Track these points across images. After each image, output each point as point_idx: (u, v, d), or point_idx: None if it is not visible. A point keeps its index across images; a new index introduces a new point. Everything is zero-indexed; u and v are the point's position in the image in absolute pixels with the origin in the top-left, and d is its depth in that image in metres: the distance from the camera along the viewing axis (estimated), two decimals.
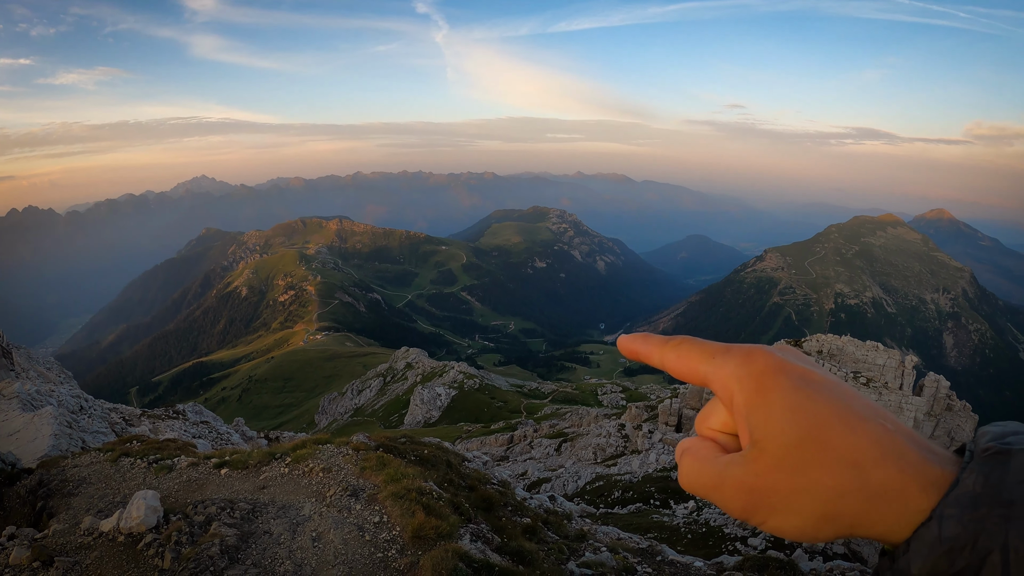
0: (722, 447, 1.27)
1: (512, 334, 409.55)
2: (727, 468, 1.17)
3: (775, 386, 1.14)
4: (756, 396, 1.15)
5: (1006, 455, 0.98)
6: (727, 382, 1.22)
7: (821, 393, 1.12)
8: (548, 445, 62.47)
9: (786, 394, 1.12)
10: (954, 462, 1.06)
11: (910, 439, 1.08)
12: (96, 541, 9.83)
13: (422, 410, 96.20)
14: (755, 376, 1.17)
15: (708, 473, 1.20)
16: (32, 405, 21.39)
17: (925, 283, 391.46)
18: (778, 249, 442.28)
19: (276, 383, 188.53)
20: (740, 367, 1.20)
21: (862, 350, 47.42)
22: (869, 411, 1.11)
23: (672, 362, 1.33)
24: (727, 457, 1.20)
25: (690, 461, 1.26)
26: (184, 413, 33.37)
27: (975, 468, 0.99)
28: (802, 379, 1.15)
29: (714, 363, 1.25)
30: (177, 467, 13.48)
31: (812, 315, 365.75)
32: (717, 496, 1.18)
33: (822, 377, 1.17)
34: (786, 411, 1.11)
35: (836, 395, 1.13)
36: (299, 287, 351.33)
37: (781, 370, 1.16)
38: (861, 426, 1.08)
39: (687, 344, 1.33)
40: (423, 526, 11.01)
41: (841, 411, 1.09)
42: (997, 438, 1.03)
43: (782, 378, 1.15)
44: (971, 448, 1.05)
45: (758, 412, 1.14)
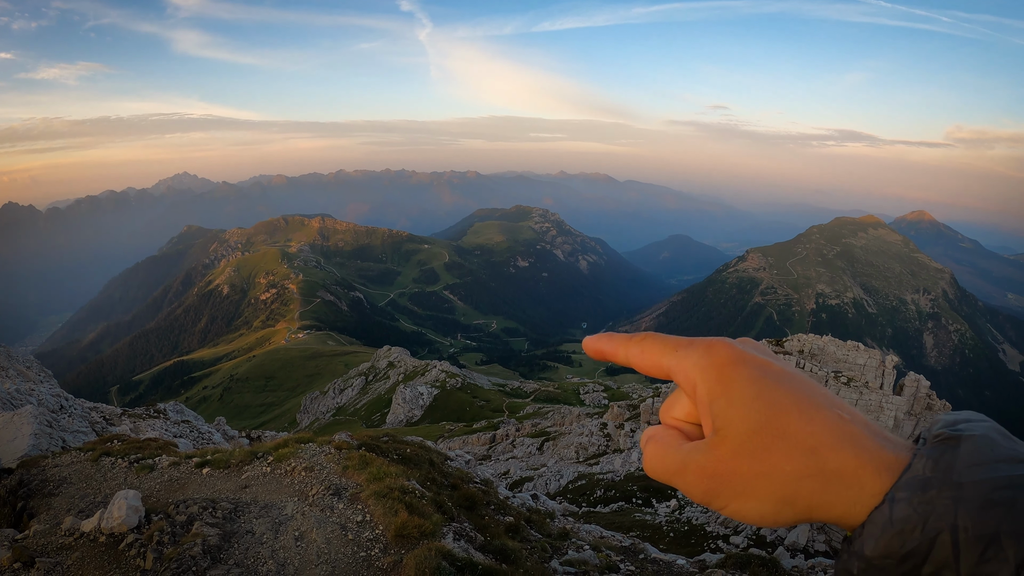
0: (686, 435, 1.30)
1: (494, 333, 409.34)
2: (690, 454, 1.20)
3: (736, 376, 1.18)
4: (718, 386, 1.19)
5: (956, 440, 1.03)
6: (690, 373, 1.26)
7: (780, 383, 1.17)
8: (530, 444, 62.57)
9: (746, 383, 1.17)
10: (908, 448, 1.09)
11: (865, 427, 1.12)
12: (77, 541, 9.78)
13: (404, 409, 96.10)
14: (717, 367, 1.21)
15: (672, 459, 1.24)
16: (11, 404, 21.22)
17: (906, 284, 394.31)
18: (760, 249, 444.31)
19: (258, 382, 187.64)
20: (702, 358, 1.24)
21: (843, 350, 47.68)
22: (825, 400, 1.15)
23: (636, 358, 1.36)
24: (690, 444, 1.23)
25: (655, 448, 1.30)
26: (165, 412, 33.18)
27: (926, 453, 1.03)
28: (761, 369, 1.19)
29: (677, 355, 1.29)
30: (158, 467, 13.43)
31: (793, 315, 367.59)
32: (680, 481, 1.21)
33: (780, 368, 1.21)
34: (746, 399, 1.15)
35: (794, 385, 1.17)
36: (281, 285, 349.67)
37: (741, 361, 1.21)
38: (818, 414, 1.12)
39: (650, 340, 1.37)
40: (406, 525, 11.01)
41: (799, 400, 1.14)
42: (948, 425, 1.09)
43: (742, 368, 1.19)
44: (924, 435, 1.10)
45: (719, 401, 1.18)
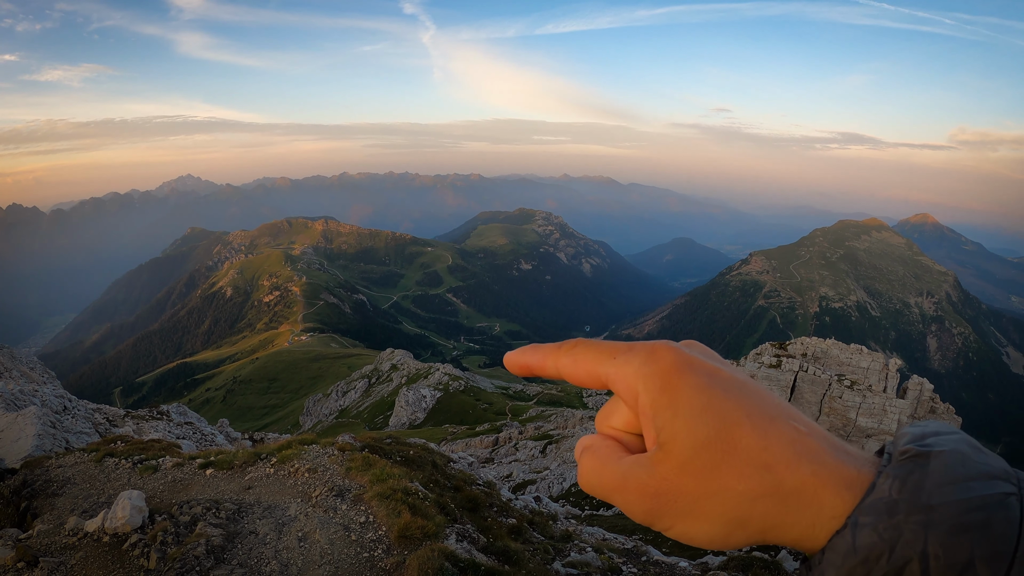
0: (625, 447, 1.18)
1: (497, 336, 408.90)
2: (631, 469, 1.09)
3: (682, 384, 1.06)
4: (662, 395, 1.07)
5: (925, 457, 0.93)
6: (631, 381, 1.13)
7: (730, 392, 1.05)
8: (533, 447, 62.52)
9: (693, 393, 1.05)
10: (872, 463, 1.00)
11: (824, 440, 1.03)
12: (81, 541, 9.81)
13: (407, 412, 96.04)
14: (660, 374, 1.08)
15: (610, 474, 1.12)
16: (15, 405, 21.29)
17: (909, 287, 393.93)
18: (763, 252, 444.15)
19: (261, 384, 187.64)
20: (644, 365, 1.11)
21: (846, 353, 47.68)
22: (780, 411, 1.06)
23: (568, 367, 1.23)
24: (631, 458, 1.11)
25: (590, 460, 1.17)
26: (168, 414, 33.23)
27: (892, 472, 0.94)
28: (710, 377, 1.07)
29: (616, 363, 1.16)
30: (162, 467, 13.47)
31: (797, 318, 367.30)
32: (619, 499, 1.09)
33: (730, 375, 1.09)
34: (693, 411, 1.03)
35: (745, 394, 1.06)
36: (284, 288, 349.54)
37: (688, 367, 1.08)
38: (772, 427, 1.02)
39: (582, 347, 1.23)
40: (409, 526, 11.03)
41: (751, 411, 1.03)
42: (916, 439, 0.98)
43: (689, 376, 1.07)
44: (889, 450, 1.00)
45: (664, 412, 1.06)
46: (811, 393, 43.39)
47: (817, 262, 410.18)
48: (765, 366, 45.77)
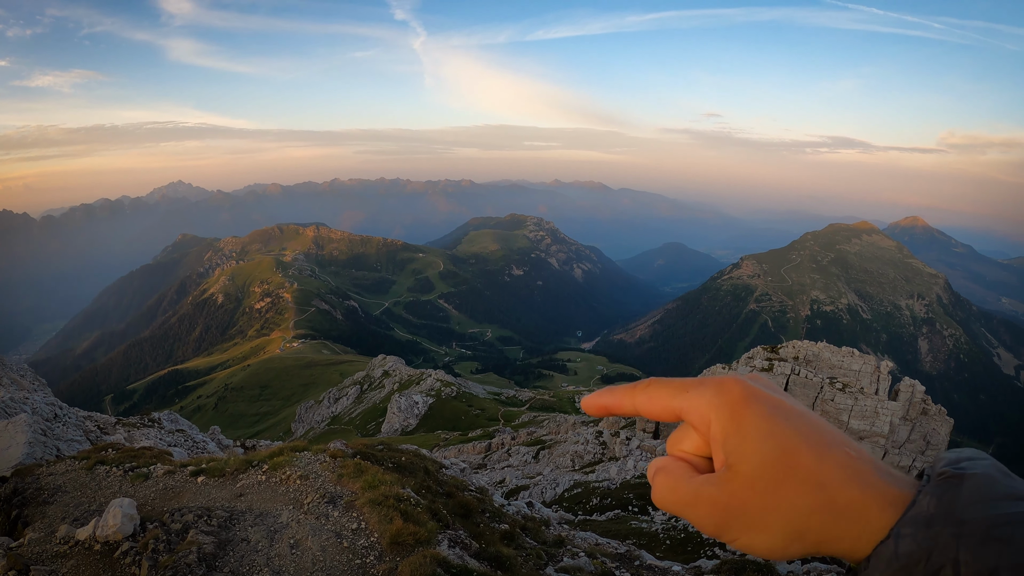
0: (694, 468, 1.34)
1: (489, 342, 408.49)
2: (702, 487, 1.25)
3: (748, 413, 1.23)
4: (731, 423, 1.24)
5: (959, 479, 1.08)
6: (703, 412, 1.30)
7: (791, 421, 1.22)
8: (526, 452, 62.50)
9: (759, 421, 1.22)
10: (913, 484, 1.15)
11: (871, 464, 1.18)
12: (72, 550, 9.77)
13: (399, 418, 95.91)
14: (730, 404, 1.26)
15: (684, 490, 1.28)
16: (6, 412, 21.16)
17: (900, 289, 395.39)
18: (754, 256, 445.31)
19: (252, 391, 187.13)
20: (716, 396, 1.29)
21: (838, 356, 47.81)
22: (834, 438, 1.21)
23: (645, 405, 1.39)
24: (702, 477, 1.28)
25: (664, 479, 1.33)
26: (159, 421, 33.11)
27: (930, 490, 1.09)
28: (773, 407, 1.24)
29: (688, 396, 1.33)
30: (153, 475, 13.41)
31: (788, 322, 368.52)
32: (691, 513, 1.25)
33: (791, 406, 1.27)
34: (758, 436, 1.20)
35: (804, 423, 1.23)
36: (276, 294, 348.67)
37: (754, 398, 1.26)
38: (827, 452, 1.17)
39: (656, 385, 1.40)
40: (401, 532, 11.02)
41: (809, 438, 1.19)
42: (952, 463, 1.13)
43: (755, 406, 1.24)
44: (928, 472, 1.15)
45: (733, 437, 1.23)
46: (803, 396, 43.43)
47: (808, 266, 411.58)
48: (757, 370, 45.82)
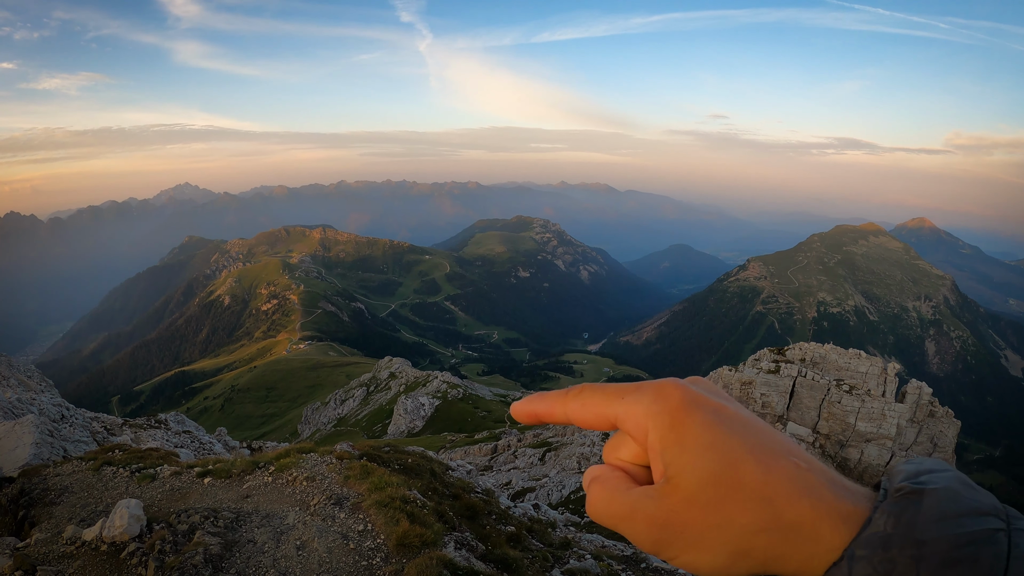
0: (632, 477, 1.25)
1: (496, 344, 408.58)
2: (639, 501, 1.15)
3: (689, 422, 1.13)
4: (670, 432, 1.14)
5: (918, 495, 0.99)
6: (640, 420, 1.20)
7: (735, 429, 1.12)
8: (532, 454, 62.41)
9: (700, 430, 1.12)
10: (869, 498, 1.06)
11: (824, 476, 1.09)
12: (79, 550, 9.78)
13: (405, 420, 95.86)
14: (669, 412, 1.16)
15: (619, 504, 1.18)
16: (13, 413, 21.24)
17: (907, 291, 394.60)
18: (761, 258, 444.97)
19: (259, 393, 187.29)
20: (653, 403, 1.19)
21: (845, 358, 47.69)
22: (783, 448, 1.12)
23: (577, 412, 1.30)
24: (639, 489, 1.18)
25: (599, 490, 1.24)
26: (166, 423, 33.17)
27: (887, 508, 1.00)
28: (716, 414, 1.14)
29: (624, 403, 1.23)
30: (160, 476, 13.43)
31: (795, 323, 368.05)
32: (627, 528, 1.16)
33: (735, 412, 1.17)
34: (700, 447, 1.10)
35: (750, 431, 1.13)
36: (282, 296, 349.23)
37: (695, 405, 1.16)
38: (775, 463, 1.08)
39: (589, 390, 1.31)
40: (407, 534, 11.02)
41: (755, 448, 1.10)
42: (910, 477, 1.05)
43: (696, 414, 1.14)
44: (885, 486, 1.06)
45: (672, 448, 1.13)
46: (810, 398, 43.37)
47: (815, 267, 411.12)
48: (764, 372, 45.76)
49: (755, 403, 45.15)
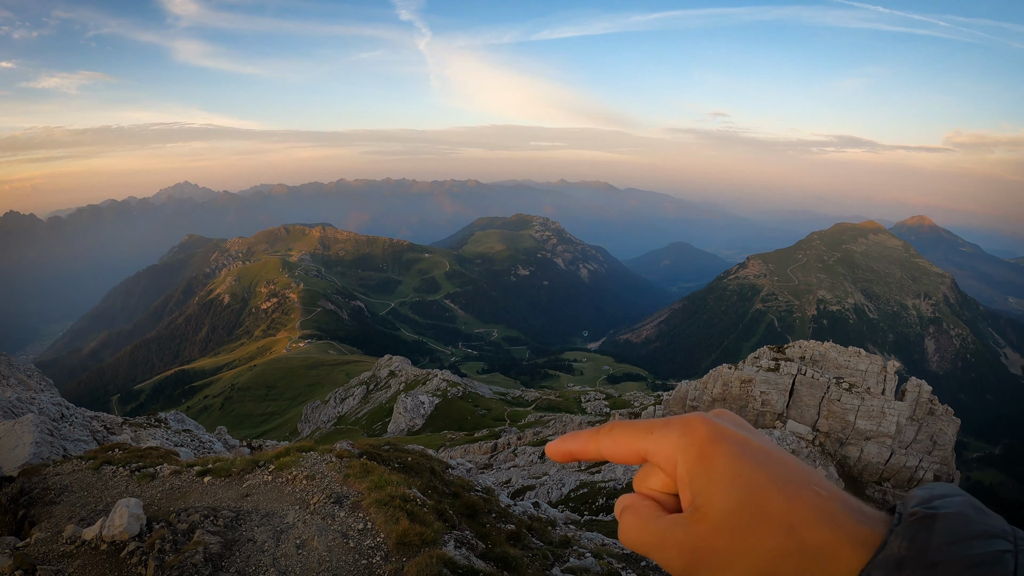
0: (661, 506, 1.31)
1: (495, 342, 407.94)
2: (669, 529, 1.21)
3: (715, 454, 1.20)
4: (697, 465, 1.21)
5: (931, 519, 1.06)
6: (669, 453, 1.27)
7: (759, 461, 1.19)
8: (532, 453, 62.40)
9: (726, 462, 1.19)
10: (884, 522, 1.11)
11: (843, 503, 1.14)
12: (79, 549, 9.78)
13: (405, 418, 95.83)
14: (696, 445, 1.23)
15: (650, 531, 1.25)
16: (12, 412, 21.23)
17: (906, 289, 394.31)
18: (760, 256, 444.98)
19: (259, 391, 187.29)
20: (681, 437, 1.26)
21: (844, 356, 47.72)
22: (805, 478, 1.17)
23: (609, 448, 1.38)
24: (670, 518, 1.24)
25: (631, 519, 1.30)
26: (166, 421, 33.18)
27: (901, 532, 1.07)
28: (741, 447, 1.21)
29: (653, 438, 1.31)
30: (160, 475, 13.42)
31: (795, 321, 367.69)
32: (659, 555, 1.22)
33: (759, 445, 1.24)
34: (726, 478, 1.17)
35: (773, 463, 1.19)
36: (282, 295, 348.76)
37: (721, 438, 1.23)
38: (797, 492, 1.14)
39: (619, 428, 1.39)
40: (407, 533, 11.01)
41: (778, 478, 1.16)
42: (923, 502, 1.09)
43: (722, 446, 1.21)
44: (900, 511, 1.12)
45: (699, 479, 1.20)
46: (809, 396, 43.40)
47: (814, 265, 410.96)
48: (763, 370, 45.79)
49: (755, 401, 45.21)
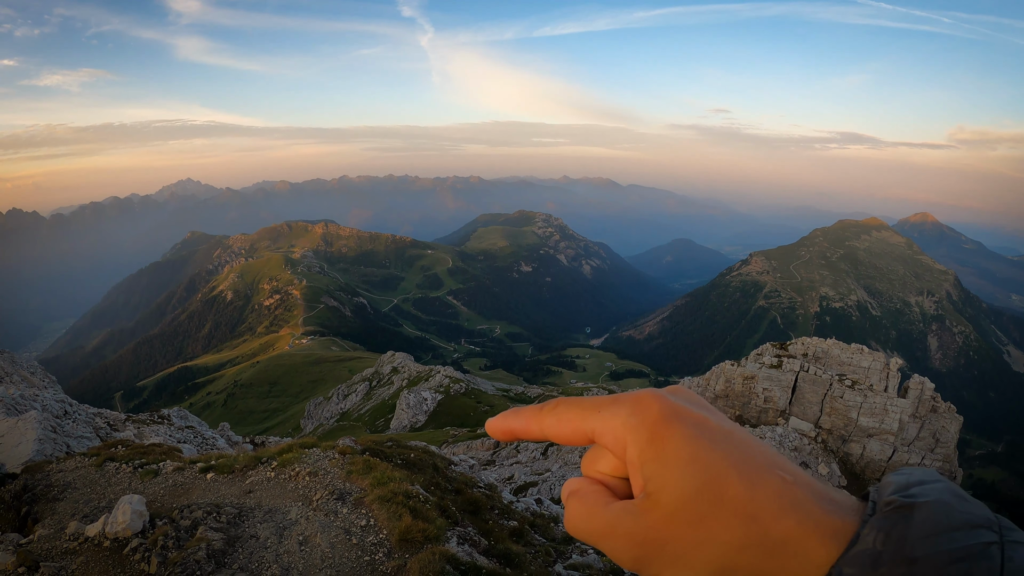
0: (611, 490, 1.19)
1: (498, 338, 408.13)
2: (619, 517, 1.09)
3: (669, 435, 1.07)
4: (650, 447, 1.07)
5: (909, 509, 0.94)
6: (618, 433, 1.13)
7: (717, 443, 1.06)
8: (535, 449, 62.38)
9: (681, 444, 1.05)
10: (857, 511, 1.01)
11: (810, 489, 1.03)
12: (82, 546, 9.79)
13: (408, 415, 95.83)
14: (648, 425, 1.09)
15: (598, 520, 1.12)
16: (16, 409, 21.25)
17: (909, 286, 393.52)
18: (763, 253, 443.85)
19: (261, 388, 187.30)
20: (631, 416, 1.12)
21: (847, 353, 47.66)
22: (767, 460, 1.06)
23: (553, 427, 1.24)
24: (619, 504, 1.12)
25: (577, 505, 1.18)
26: (169, 418, 33.23)
27: (876, 523, 0.95)
28: (697, 427, 1.08)
29: (601, 416, 1.17)
30: (163, 472, 13.44)
31: (797, 318, 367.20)
32: (607, 545, 1.10)
33: (717, 424, 1.11)
34: (681, 462, 1.04)
35: (733, 444, 1.07)
36: (285, 291, 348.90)
37: (675, 417, 1.09)
38: (759, 477, 1.02)
39: (564, 405, 1.25)
40: (410, 529, 11.02)
41: (738, 462, 1.03)
42: (900, 489, 0.99)
43: (676, 426, 1.07)
44: (874, 498, 1.01)
45: (652, 463, 1.06)
46: (812, 393, 43.35)
47: (817, 262, 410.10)
48: (766, 366, 45.75)
49: (757, 398, 45.17)
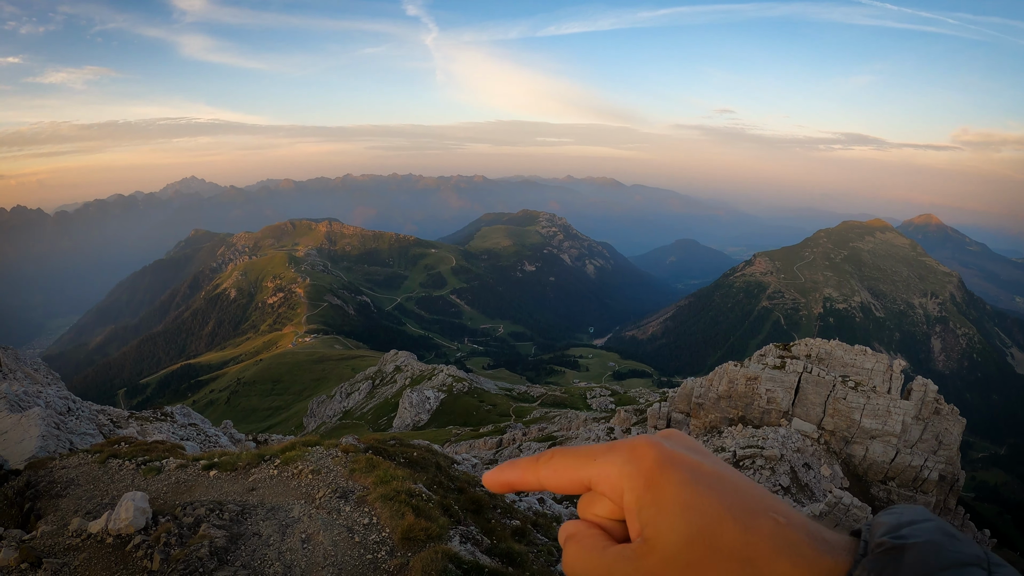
0: (608, 533, 1.22)
1: (501, 337, 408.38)
2: (616, 562, 1.12)
3: (664, 482, 1.11)
4: (646, 493, 1.11)
5: (899, 551, 0.98)
6: (615, 481, 1.18)
7: (712, 488, 1.09)
8: (537, 448, 62.32)
9: (677, 490, 1.09)
10: (849, 551, 1.02)
11: (803, 531, 1.04)
12: (84, 543, 9.79)
13: (411, 413, 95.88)
14: (644, 472, 1.14)
15: (595, 564, 1.15)
16: (20, 406, 21.28)
17: (913, 288, 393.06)
18: (767, 253, 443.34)
19: (264, 386, 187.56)
20: (627, 464, 1.16)
21: (850, 354, 47.60)
22: (762, 504, 1.08)
23: (550, 478, 1.28)
24: (616, 549, 1.15)
25: (576, 549, 1.20)
26: (172, 415, 33.24)
27: (868, 565, 0.99)
28: (692, 472, 1.12)
29: (597, 464, 1.21)
30: (166, 469, 13.44)
31: (801, 319, 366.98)
32: None
33: (712, 469, 1.14)
34: (677, 508, 1.07)
35: (728, 489, 1.10)
36: (288, 289, 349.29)
37: (670, 463, 1.13)
38: (754, 521, 1.04)
39: (559, 455, 1.28)
40: (413, 528, 11.01)
41: (733, 506, 1.06)
42: (891, 530, 1.01)
43: (671, 472, 1.12)
44: (866, 538, 1.03)
45: (648, 509, 1.10)
46: (815, 394, 43.29)
47: (821, 263, 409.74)
48: (769, 367, 45.69)
49: (760, 398, 45.12)
